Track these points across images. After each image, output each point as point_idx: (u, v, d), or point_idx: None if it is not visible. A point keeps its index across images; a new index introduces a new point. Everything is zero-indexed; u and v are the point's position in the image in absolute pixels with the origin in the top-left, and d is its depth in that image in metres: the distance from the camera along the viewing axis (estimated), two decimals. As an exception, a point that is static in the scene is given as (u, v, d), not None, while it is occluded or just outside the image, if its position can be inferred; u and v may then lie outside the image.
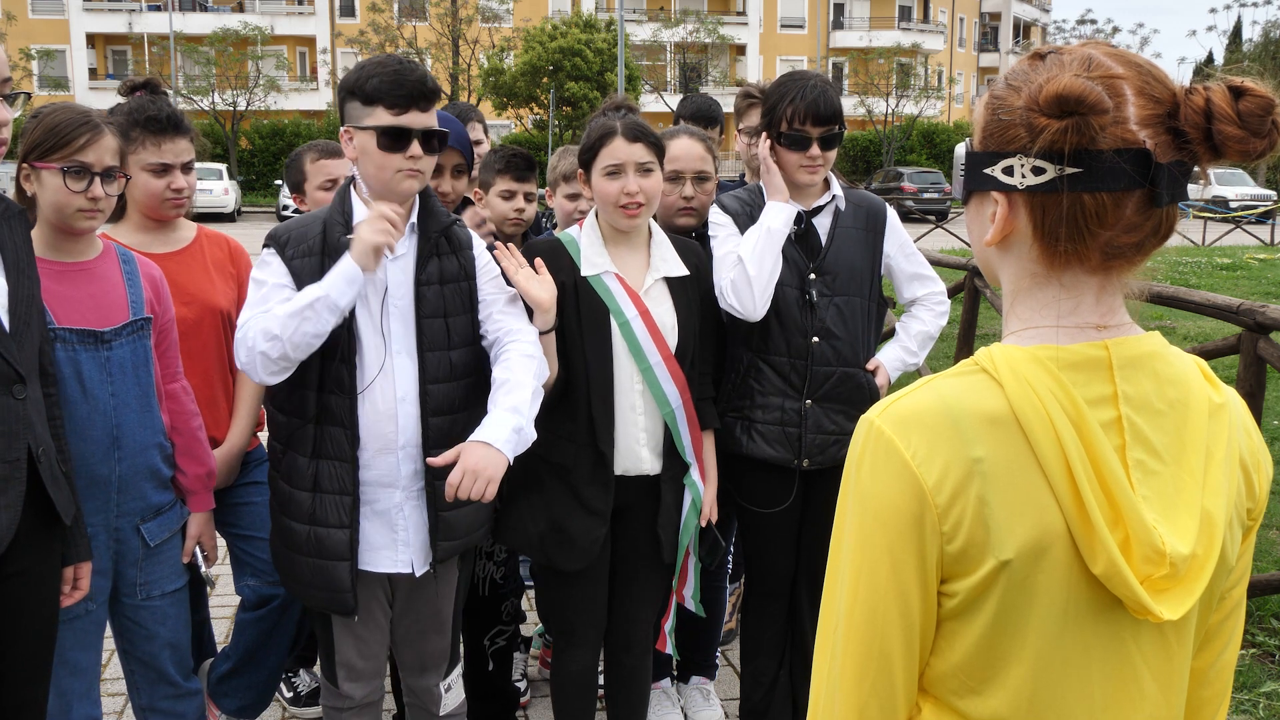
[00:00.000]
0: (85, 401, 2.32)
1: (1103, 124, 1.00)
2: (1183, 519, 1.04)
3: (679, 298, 2.73)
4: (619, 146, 2.61)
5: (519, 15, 41.68)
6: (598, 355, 2.63)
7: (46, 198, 2.30)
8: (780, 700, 3.10)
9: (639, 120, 2.68)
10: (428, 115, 2.36)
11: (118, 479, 2.39)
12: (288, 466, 2.42)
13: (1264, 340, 3.88)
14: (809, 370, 2.85)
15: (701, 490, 2.79)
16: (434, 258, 2.44)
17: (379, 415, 2.36)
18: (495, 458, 2.25)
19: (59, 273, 2.35)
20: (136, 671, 2.55)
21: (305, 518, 2.39)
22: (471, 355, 2.49)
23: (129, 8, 44.39)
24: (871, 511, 1.07)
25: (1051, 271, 1.09)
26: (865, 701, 1.09)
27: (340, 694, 2.56)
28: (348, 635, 2.52)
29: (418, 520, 2.44)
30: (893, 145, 41.23)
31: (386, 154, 2.32)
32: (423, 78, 2.34)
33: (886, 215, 3.01)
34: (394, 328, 2.38)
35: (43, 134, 2.28)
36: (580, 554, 2.67)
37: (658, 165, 2.65)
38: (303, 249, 2.35)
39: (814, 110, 2.77)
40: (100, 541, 2.39)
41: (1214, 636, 1.18)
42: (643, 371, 2.66)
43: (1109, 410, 1.06)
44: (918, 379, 1.13)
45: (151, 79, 2.90)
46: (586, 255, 2.66)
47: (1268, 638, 4.04)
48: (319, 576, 2.40)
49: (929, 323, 3.07)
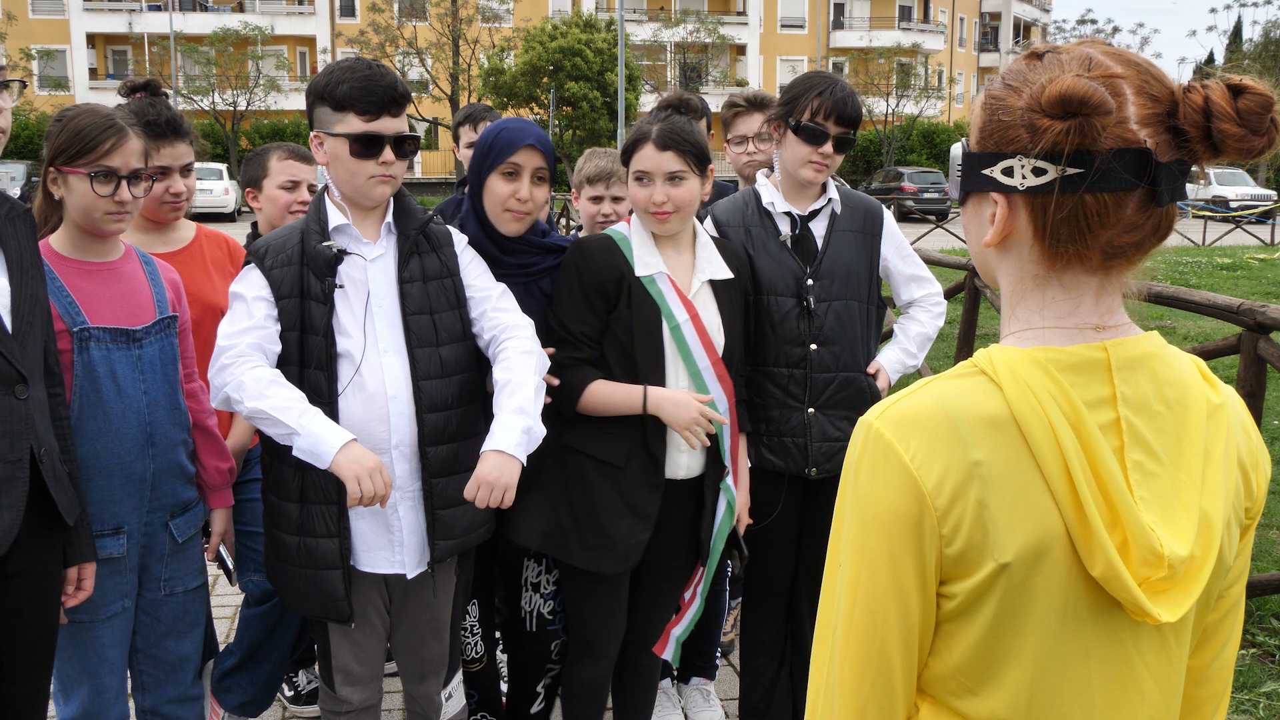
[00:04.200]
0: (120, 400, 2.33)
1: (1105, 125, 0.99)
2: (1181, 521, 1.04)
3: (723, 300, 2.69)
4: (648, 154, 2.57)
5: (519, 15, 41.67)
6: (650, 356, 2.59)
7: (74, 202, 2.32)
8: (780, 700, 3.10)
9: (675, 126, 2.59)
10: (399, 120, 2.35)
11: (151, 476, 2.40)
12: (274, 478, 2.42)
13: (1264, 340, 3.88)
14: (809, 378, 2.84)
15: (735, 495, 2.75)
16: (414, 255, 2.43)
17: (369, 417, 2.34)
18: (509, 464, 2.24)
19: (88, 272, 2.37)
20: (146, 670, 2.55)
21: (294, 529, 2.38)
22: (463, 351, 2.47)
23: (129, 8, 44.38)
24: (870, 514, 1.07)
25: (1052, 272, 1.08)
26: (864, 703, 1.09)
27: (338, 698, 2.56)
28: (344, 640, 2.52)
29: (414, 521, 2.43)
30: (893, 145, 41.23)
31: (359, 160, 2.32)
32: (393, 83, 2.33)
33: (883, 217, 2.99)
34: (380, 327, 2.37)
35: (68, 139, 2.29)
36: (621, 557, 2.60)
37: (693, 171, 2.58)
38: (281, 259, 2.35)
39: (839, 109, 2.75)
40: (133, 538, 2.40)
41: (1212, 635, 1.18)
42: (692, 376, 2.62)
43: (1107, 412, 1.05)
44: (917, 380, 1.13)
45: (151, 80, 2.89)
46: (639, 255, 2.61)
47: (1268, 637, 4.04)
48: (312, 586, 2.39)
49: (927, 324, 3.06)
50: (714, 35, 43.06)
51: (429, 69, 38.81)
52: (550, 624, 2.91)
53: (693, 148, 2.57)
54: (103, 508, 2.33)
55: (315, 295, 2.33)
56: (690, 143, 2.57)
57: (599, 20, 38.77)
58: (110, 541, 2.35)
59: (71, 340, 2.28)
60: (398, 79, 2.37)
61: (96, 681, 2.39)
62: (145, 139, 2.42)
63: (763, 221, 2.89)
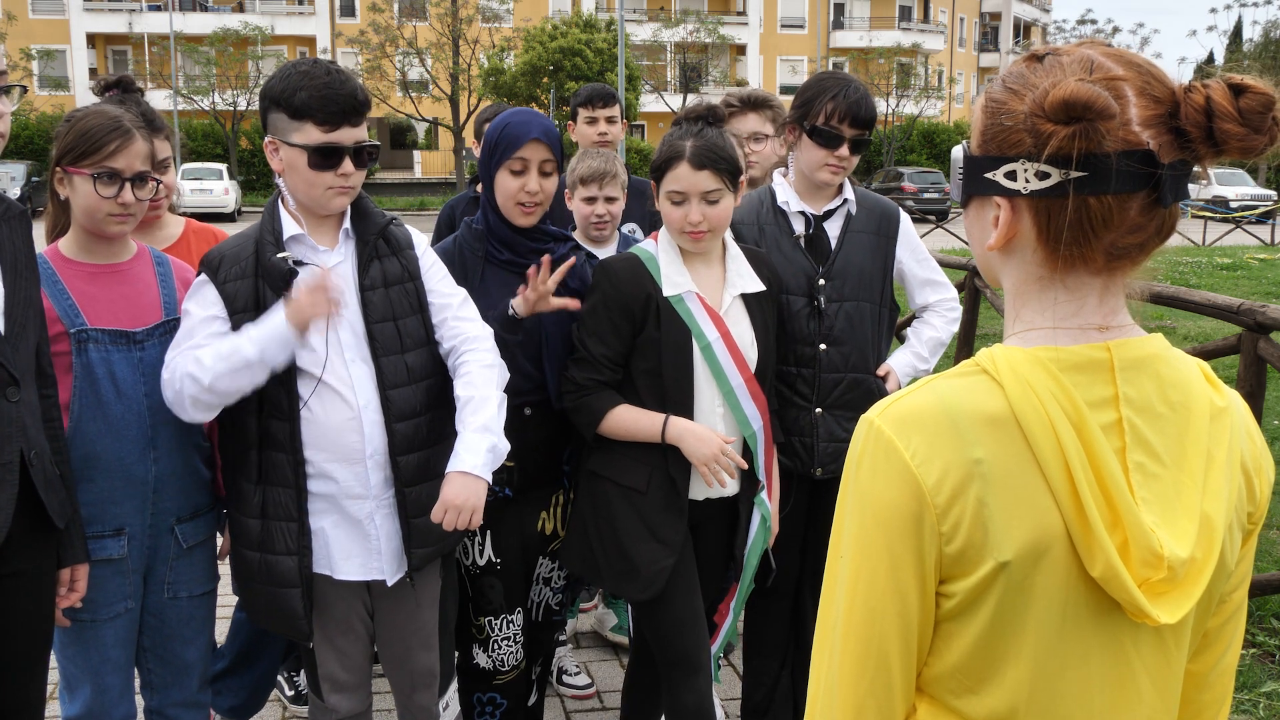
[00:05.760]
0: (119, 401, 2.32)
1: (1109, 128, 0.99)
2: (1182, 523, 1.04)
3: (755, 314, 2.63)
4: (683, 173, 2.48)
5: (519, 15, 41.63)
6: (677, 378, 2.54)
7: (79, 202, 2.31)
8: (781, 700, 3.09)
9: (710, 143, 2.49)
10: (359, 129, 2.28)
11: (154, 478, 2.38)
12: (235, 493, 2.40)
13: (1264, 340, 3.88)
14: (817, 378, 2.83)
15: (770, 509, 2.71)
16: (374, 261, 2.38)
17: (340, 427, 2.31)
18: (474, 486, 2.24)
19: (91, 274, 2.37)
20: (154, 670, 2.54)
21: (255, 545, 2.36)
22: (427, 356, 2.42)
23: (129, 8, 44.35)
24: (870, 511, 1.07)
25: (1055, 274, 1.08)
26: (862, 701, 1.09)
27: (326, 707, 2.55)
28: (328, 648, 2.50)
29: (389, 529, 2.40)
30: (893, 145, 41.23)
31: (318, 172, 2.25)
32: (353, 91, 2.25)
33: (899, 220, 2.98)
34: (344, 337, 2.33)
35: (74, 139, 2.29)
36: (644, 584, 2.54)
37: (728, 189, 2.50)
38: (235, 271, 2.30)
39: (854, 111, 2.73)
40: (136, 540, 2.39)
41: (1214, 640, 1.18)
42: (724, 394, 2.57)
43: (1110, 412, 1.05)
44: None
45: (124, 77, 2.84)
46: (667, 274, 2.55)
47: (1268, 638, 4.04)
48: (273, 603, 2.38)
49: (940, 329, 3.05)
50: (714, 35, 43.02)
51: (429, 69, 38.78)
52: (556, 614, 2.94)
53: (729, 165, 2.50)
54: (104, 508, 2.33)
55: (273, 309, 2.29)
56: (726, 160, 2.50)
57: (599, 20, 38.76)
58: (111, 542, 2.35)
59: (70, 342, 2.28)
60: (358, 86, 2.29)
61: (99, 681, 2.39)
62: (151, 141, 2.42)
63: (777, 220, 2.89)
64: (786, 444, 2.84)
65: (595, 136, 3.92)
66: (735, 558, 2.71)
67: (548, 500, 2.79)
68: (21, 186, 25.42)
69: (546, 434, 2.71)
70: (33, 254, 2.15)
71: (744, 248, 2.73)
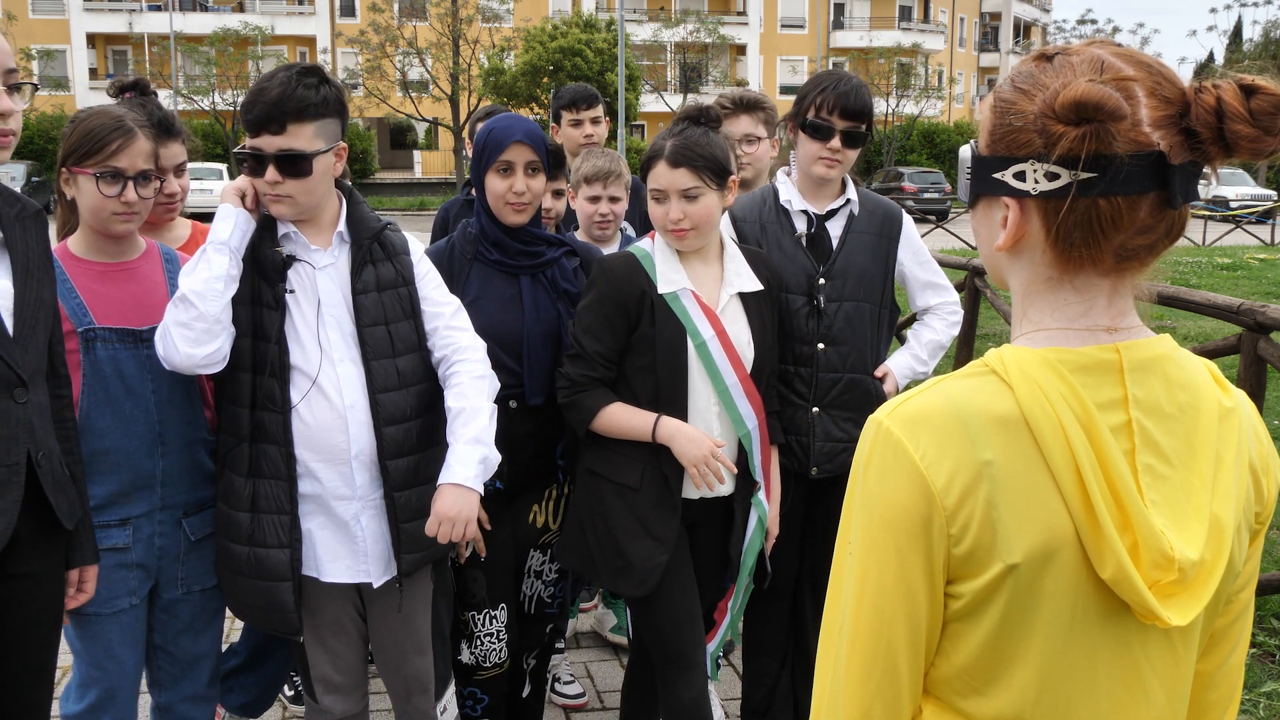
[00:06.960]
0: (128, 398, 2.35)
1: (1120, 129, 0.99)
2: (1191, 524, 1.04)
3: (753, 313, 2.63)
4: (661, 172, 2.52)
5: (519, 15, 41.60)
6: (671, 376, 2.54)
7: (84, 202, 2.34)
8: (781, 700, 3.09)
9: (689, 141, 2.51)
10: (285, 137, 2.23)
11: (161, 473, 2.40)
12: (225, 488, 2.40)
13: (1264, 340, 3.88)
14: (815, 377, 2.83)
15: (767, 509, 2.72)
16: (368, 264, 2.40)
17: (326, 426, 2.33)
18: (467, 498, 2.26)
19: (100, 273, 2.39)
20: (163, 667, 2.55)
21: (244, 539, 2.36)
22: (419, 361, 2.44)
23: (129, 8, 44.34)
24: (879, 512, 1.07)
25: (1064, 275, 1.08)
26: (870, 702, 1.09)
27: (321, 709, 2.55)
28: (321, 650, 2.51)
29: (376, 530, 2.40)
30: (893, 145, 41.21)
31: (251, 177, 2.31)
32: (277, 99, 2.21)
33: (902, 221, 2.98)
34: (332, 338, 2.35)
35: (78, 139, 2.32)
36: (639, 580, 2.55)
37: (709, 186, 2.50)
38: None
39: (842, 102, 2.75)
40: (143, 535, 2.40)
41: (1221, 640, 1.18)
42: (719, 393, 2.57)
43: (1119, 414, 1.05)
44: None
45: (140, 80, 2.86)
46: (662, 271, 2.57)
47: (1268, 638, 4.04)
48: (261, 598, 2.38)
49: (941, 331, 3.05)
50: (714, 35, 43.00)
51: (429, 69, 38.76)
52: (549, 607, 2.95)
53: (707, 163, 2.50)
54: (110, 501, 2.35)
55: (267, 302, 2.33)
56: (704, 157, 2.50)
57: (599, 20, 38.74)
58: (116, 531, 2.36)
59: (78, 340, 2.30)
60: (291, 94, 2.23)
61: (104, 680, 2.40)
62: (155, 141, 2.43)
63: (779, 218, 2.89)
64: (782, 443, 2.83)
65: (581, 139, 3.90)
66: (730, 558, 2.72)
67: (540, 493, 2.82)
68: (21, 186, 25.39)
69: (534, 427, 2.73)
70: (48, 253, 2.17)
71: (744, 248, 2.73)
